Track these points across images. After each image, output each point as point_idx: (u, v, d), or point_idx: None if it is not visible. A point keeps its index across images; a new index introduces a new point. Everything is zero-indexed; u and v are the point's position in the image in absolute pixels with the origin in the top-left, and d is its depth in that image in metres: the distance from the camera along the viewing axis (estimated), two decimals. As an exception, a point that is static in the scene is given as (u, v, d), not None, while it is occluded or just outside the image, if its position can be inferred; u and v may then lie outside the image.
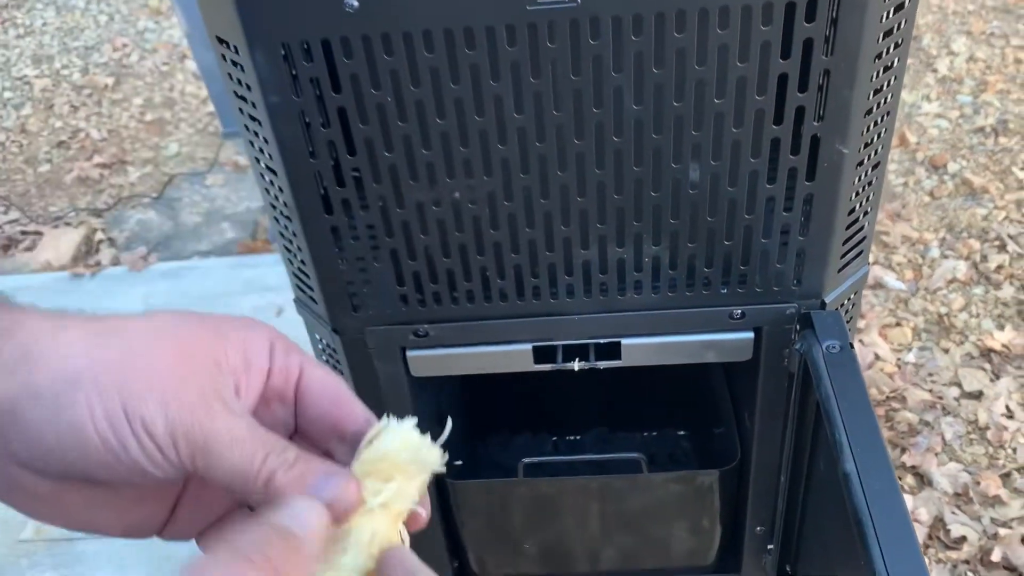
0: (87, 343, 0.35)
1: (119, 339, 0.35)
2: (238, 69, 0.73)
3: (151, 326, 0.37)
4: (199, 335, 0.37)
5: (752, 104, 0.71)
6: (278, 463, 0.36)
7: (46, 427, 0.34)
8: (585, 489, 1.06)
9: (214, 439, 0.35)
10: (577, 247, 0.81)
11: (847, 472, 0.70)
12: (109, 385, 0.34)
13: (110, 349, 0.35)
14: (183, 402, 0.35)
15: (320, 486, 0.36)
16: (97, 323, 0.36)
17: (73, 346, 0.35)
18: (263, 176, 0.82)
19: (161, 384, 0.35)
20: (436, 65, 0.69)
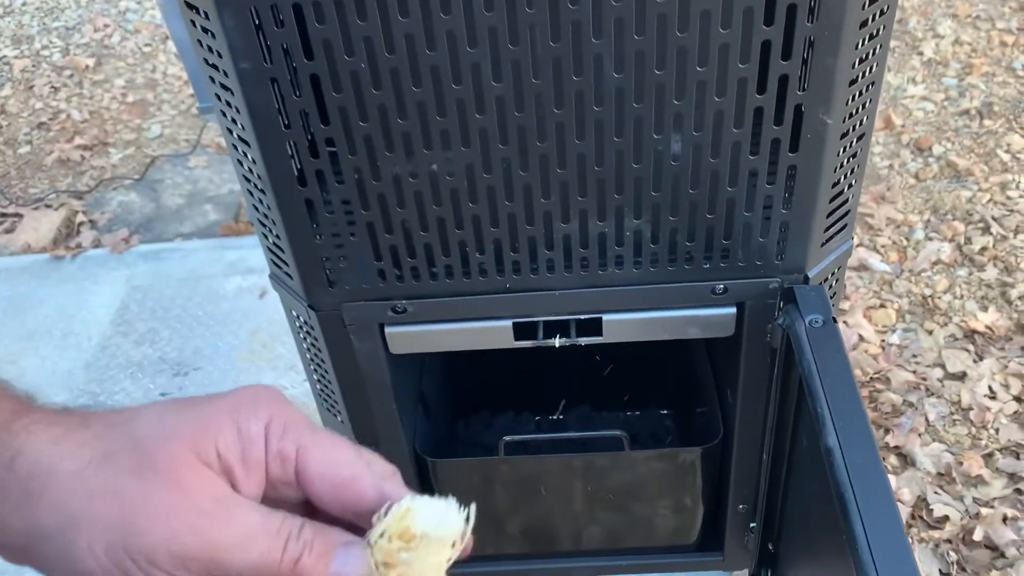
0: (80, 479, 0.36)
1: (110, 471, 0.36)
2: (208, 36, 0.71)
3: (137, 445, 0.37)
4: (185, 443, 0.37)
5: (735, 72, 0.70)
6: (299, 548, 0.37)
7: (57, 563, 0.36)
8: (567, 467, 1.05)
9: (224, 552, 0.36)
10: (558, 220, 0.80)
11: (829, 446, 0.69)
12: (106, 526, 0.35)
13: (101, 483, 0.36)
14: (182, 525, 0.35)
15: (342, 561, 0.37)
16: (89, 446, 0.37)
17: (68, 482, 0.36)
18: (236, 147, 0.80)
19: (156, 515, 0.35)
20: (411, 31, 0.68)
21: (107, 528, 0.35)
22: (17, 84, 3.51)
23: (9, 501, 0.36)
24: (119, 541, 0.35)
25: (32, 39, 3.80)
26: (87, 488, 0.36)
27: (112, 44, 3.73)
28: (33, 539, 0.36)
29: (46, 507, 0.35)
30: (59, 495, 0.36)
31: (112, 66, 3.58)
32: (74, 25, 3.88)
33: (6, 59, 3.68)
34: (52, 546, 0.36)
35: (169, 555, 0.35)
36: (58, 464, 0.36)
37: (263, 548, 0.36)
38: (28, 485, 0.36)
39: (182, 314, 2.25)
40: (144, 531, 0.35)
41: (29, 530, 0.36)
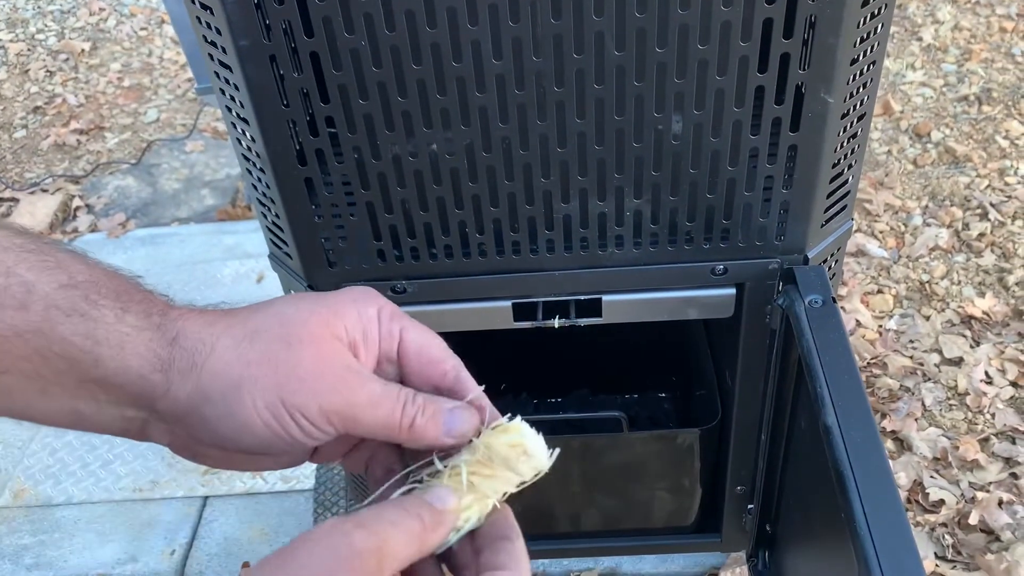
0: (238, 350, 0.43)
1: (265, 341, 0.43)
2: (207, 12, 0.70)
3: (287, 321, 0.44)
4: (321, 321, 0.44)
5: (736, 51, 0.70)
6: (414, 411, 0.44)
7: (222, 422, 0.42)
8: (566, 448, 1.05)
9: (359, 408, 0.43)
10: (558, 200, 0.80)
11: (828, 425, 0.70)
12: (266, 385, 0.42)
13: (260, 350, 0.43)
14: (327, 386, 0.43)
15: (450, 422, 0.45)
16: (240, 326, 0.44)
17: (229, 352, 0.43)
18: (235, 126, 0.80)
19: (307, 376, 0.42)
20: (412, 8, 0.67)
21: (266, 388, 0.42)
22: (12, 68, 3.49)
23: (177, 370, 0.43)
24: (277, 398, 0.42)
25: (27, 23, 3.78)
26: (246, 357, 0.43)
27: (108, 28, 3.71)
28: (197, 402, 0.42)
29: (210, 373, 0.42)
30: (221, 364, 0.43)
31: (108, 50, 3.56)
32: (69, 8, 3.86)
33: (1, 43, 3.65)
34: (215, 407, 0.42)
35: (319, 409, 0.42)
36: (217, 340, 0.43)
37: (388, 409, 0.44)
38: (193, 357, 0.43)
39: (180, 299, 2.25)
40: (297, 390, 0.42)
41: (193, 394, 0.42)
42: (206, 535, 1.71)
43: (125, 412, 0.44)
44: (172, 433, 0.45)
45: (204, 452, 0.46)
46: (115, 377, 0.42)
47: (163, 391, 0.43)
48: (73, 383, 0.42)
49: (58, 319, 0.41)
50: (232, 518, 1.73)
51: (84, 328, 0.41)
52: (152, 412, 0.44)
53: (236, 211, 2.64)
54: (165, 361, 0.43)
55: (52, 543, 1.72)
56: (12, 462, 1.88)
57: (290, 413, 0.42)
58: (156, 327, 0.43)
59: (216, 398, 0.42)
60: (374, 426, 0.44)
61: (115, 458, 1.86)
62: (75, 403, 0.43)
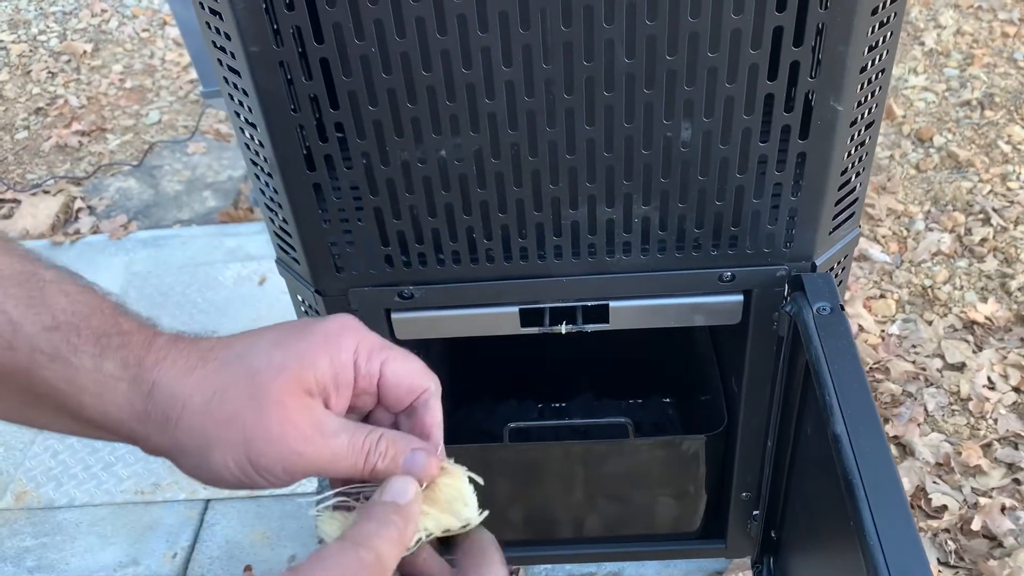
0: (208, 409, 0.45)
1: (232, 402, 0.45)
2: (217, 17, 0.70)
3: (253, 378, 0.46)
4: (290, 377, 0.46)
5: (746, 59, 0.70)
6: (376, 458, 0.47)
7: (199, 472, 0.46)
8: (570, 454, 1.05)
9: (322, 465, 0.46)
10: (566, 207, 0.80)
11: (837, 433, 0.69)
12: (235, 444, 0.45)
13: (226, 414, 0.45)
14: (290, 449, 0.45)
15: (410, 462, 0.48)
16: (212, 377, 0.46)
17: (198, 414, 0.45)
18: (243, 131, 0.80)
19: (272, 439, 0.45)
20: (422, 14, 0.67)
21: (234, 447, 0.45)
22: (14, 69, 3.49)
23: (154, 423, 0.45)
24: (245, 457, 0.45)
25: (29, 24, 3.78)
26: (215, 417, 0.45)
27: (110, 29, 3.71)
28: (175, 453, 0.46)
29: (183, 431, 0.45)
30: (193, 422, 0.45)
31: (110, 51, 3.56)
32: (71, 10, 3.86)
33: (3, 44, 3.65)
34: (191, 459, 0.46)
35: (282, 469, 0.45)
36: (188, 398, 0.45)
37: (351, 462, 0.47)
38: (167, 413, 0.45)
39: (181, 300, 2.25)
40: (262, 451, 0.45)
41: (171, 447, 0.45)
42: (208, 538, 1.70)
43: (116, 436, 0.47)
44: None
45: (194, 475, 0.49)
46: (100, 420, 0.45)
47: (144, 438, 0.46)
48: (66, 416, 0.45)
49: (43, 363, 0.43)
50: (234, 521, 1.73)
51: (66, 374, 0.44)
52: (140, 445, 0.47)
53: (238, 213, 2.64)
54: (141, 414, 0.45)
55: (54, 545, 1.72)
56: (14, 464, 1.87)
57: (257, 471, 0.46)
58: (132, 379, 0.45)
59: (191, 452, 0.46)
60: (340, 473, 0.47)
61: (117, 460, 1.85)
62: (67, 426, 0.46)
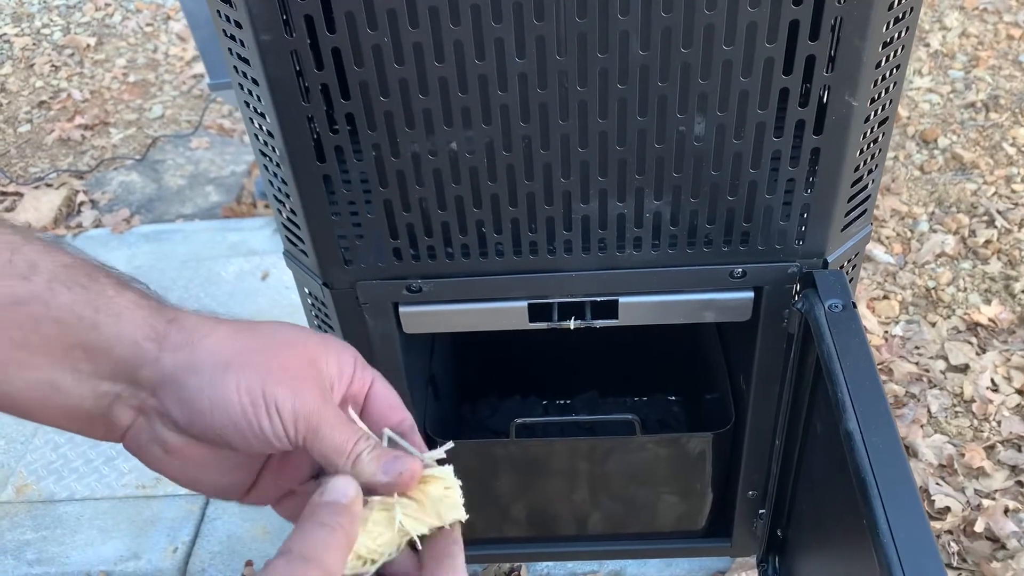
0: (235, 339, 0.47)
1: (259, 340, 0.47)
2: (228, 6, 0.70)
3: (280, 334, 0.49)
4: (311, 346, 0.49)
5: (762, 52, 0.69)
6: (364, 447, 0.47)
7: (202, 394, 0.45)
8: (576, 450, 1.04)
9: (324, 423, 0.46)
10: (577, 201, 0.79)
11: (849, 431, 0.69)
12: (253, 371, 0.45)
13: (253, 345, 0.47)
14: (304, 393, 0.46)
15: (390, 465, 0.47)
16: (242, 324, 0.48)
17: (225, 338, 0.46)
18: (252, 121, 0.79)
19: (289, 377, 0.46)
20: (435, 4, 0.67)
21: (252, 374, 0.45)
22: (17, 62, 3.48)
23: (171, 343, 0.45)
24: (259, 385, 0.45)
25: (33, 17, 3.77)
26: (243, 345, 0.47)
27: (113, 23, 3.70)
28: (183, 372, 0.45)
29: (204, 349, 0.45)
30: (218, 344, 0.46)
31: (113, 45, 3.55)
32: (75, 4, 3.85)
33: (6, 37, 3.65)
34: (200, 378, 0.45)
35: (292, 408, 0.45)
36: (217, 326, 0.47)
37: (346, 435, 0.47)
38: (190, 335, 0.46)
39: (183, 295, 2.24)
40: (279, 382, 0.46)
41: (182, 364, 0.45)
42: (209, 533, 1.70)
43: (100, 386, 0.46)
44: (139, 410, 0.47)
45: (162, 437, 0.47)
46: (107, 341, 0.45)
47: (152, 358, 0.45)
48: (60, 350, 0.44)
49: (60, 290, 0.44)
50: (235, 516, 1.73)
51: (85, 298, 0.44)
52: (129, 384, 0.46)
53: (241, 208, 2.63)
54: (160, 333, 0.46)
55: (54, 539, 1.71)
56: (15, 457, 1.87)
57: (267, 403, 0.45)
58: (154, 307, 0.47)
59: (204, 370, 0.45)
60: (328, 444, 0.47)
61: (118, 454, 1.85)
62: (53, 374, 0.44)
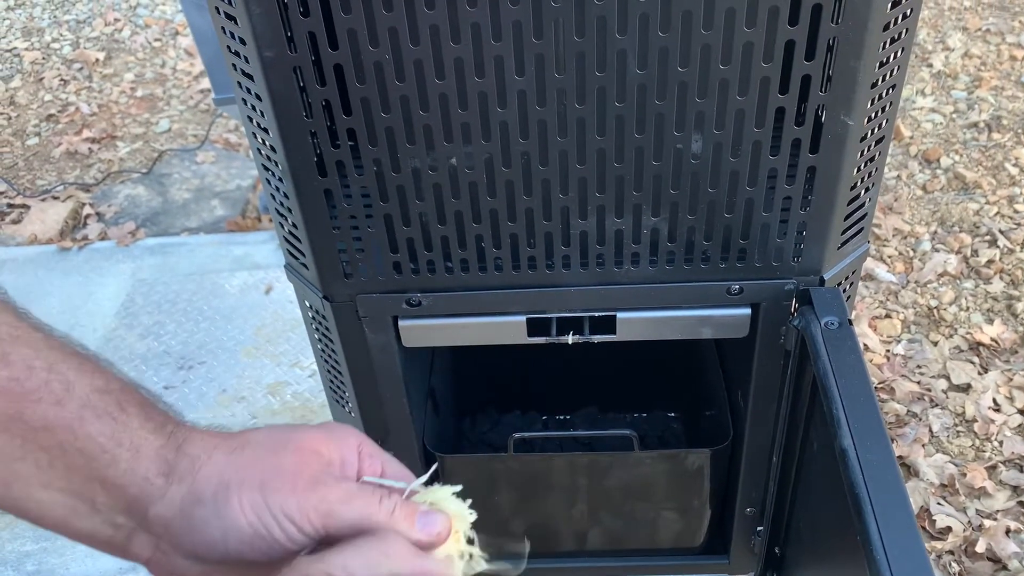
0: (231, 457, 0.48)
1: (252, 451, 0.49)
2: (232, 22, 0.71)
3: (273, 438, 0.50)
4: (309, 439, 0.50)
5: (758, 71, 0.70)
6: (392, 504, 0.48)
7: (209, 524, 0.47)
8: (574, 466, 1.05)
9: (335, 503, 0.47)
10: (575, 216, 0.80)
11: (844, 448, 0.69)
12: (251, 485, 0.47)
13: (247, 459, 0.48)
14: (304, 484, 0.47)
15: (424, 521, 0.48)
16: (237, 440, 0.50)
17: (221, 460, 0.48)
18: (255, 136, 0.80)
19: (287, 476, 0.47)
20: (436, 22, 0.68)
21: (252, 489, 0.47)
22: (27, 76, 3.51)
23: (178, 475, 0.47)
24: (260, 498, 0.46)
25: (43, 31, 3.81)
26: (236, 462, 0.48)
27: (122, 38, 3.74)
28: (189, 504, 0.47)
29: (204, 476, 0.47)
30: (215, 468, 0.48)
31: (122, 60, 3.58)
32: (85, 19, 3.89)
33: (16, 51, 3.68)
34: (205, 507, 0.47)
35: (297, 505, 0.46)
36: (215, 449, 0.49)
37: (363, 502, 0.47)
38: (194, 463, 0.48)
39: (187, 308, 2.25)
40: (278, 488, 0.47)
41: (187, 496, 0.47)
42: (209, 546, 1.70)
43: (116, 519, 0.48)
44: (156, 547, 0.48)
45: (182, 569, 0.49)
46: (123, 477, 0.47)
47: (161, 494, 0.47)
48: (80, 481, 0.46)
49: (89, 419, 0.46)
50: (235, 529, 1.73)
51: (110, 430, 0.46)
52: (142, 520, 0.47)
53: (246, 222, 2.65)
54: (170, 465, 0.48)
55: (54, 550, 1.71)
56: (16, 468, 1.87)
57: (272, 512, 0.46)
58: (168, 435, 0.49)
59: (207, 499, 0.47)
60: (351, 519, 0.47)
61: (119, 466, 1.85)
62: (73, 502, 0.47)
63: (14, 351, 0.45)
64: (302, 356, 2.07)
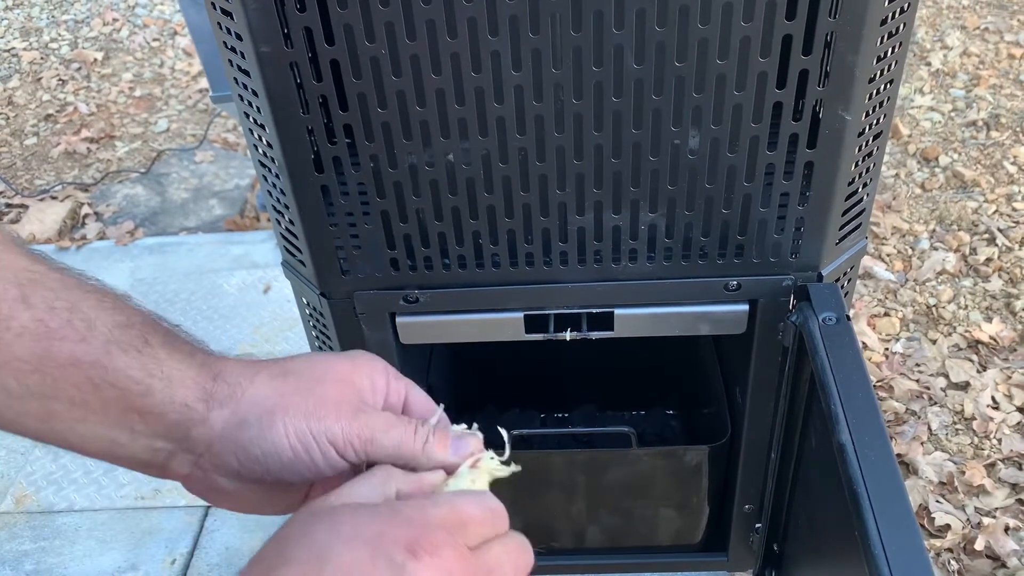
0: (272, 384, 0.50)
1: (295, 380, 0.51)
2: (228, 18, 0.71)
3: (312, 369, 0.52)
4: (342, 370, 0.52)
5: (755, 66, 0.70)
6: (426, 432, 0.50)
7: (254, 445, 0.49)
8: (573, 463, 1.04)
9: (377, 431, 0.49)
10: (572, 212, 0.80)
11: (842, 443, 0.69)
12: (296, 412, 0.49)
13: (290, 387, 0.50)
14: (347, 413, 0.49)
15: (456, 445, 0.51)
16: (277, 368, 0.52)
17: (264, 386, 0.50)
18: (252, 132, 0.80)
19: (331, 408, 0.49)
20: (432, 17, 0.68)
21: (297, 416, 0.49)
22: (25, 76, 3.51)
23: (218, 400, 0.49)
24: (305, 426, 0.49)
25: (41, 31, 3.81)
26: (280, 389, 0.50)
27: (121, 38, 3.73)
28: (232, 427, 0.49)
29: (248, 401, 0.49)
30: (259, 394, 0.50)
31: (120, 60, 3.58)
32: (83, 18, 3.89)
33: (15, 51, 3.68)
34: (250, 429, 0.49)
35: (342, 434, 0.49)
36: (256, 375, 0.51)
37: (401, 431, 0.50)
38: (234, 389, 0.50)
39: (186, 308, 2.25)
40: (323, 416, 0.49)
41: (230, 419, 0.49)
42: (207, 545, 1.70)
43: (155, 443, 0.49)
44: (195, 464, 0.50)
45: (219, 485, 0.51)
46: (160, 406, 0.48)
47: (201, 418, 0.49)
48: (117, 412, 0.48)
49: (116, 353, 0.47)
50: (234, 528, 1.73)
51: (139, 363, 0.48)
52: (182, 442, 0.49)
53: (244, 221, 2.64)
54: (208, 392, 0.49)
55: (52, 550, 1.71)
56: (15, 468, 1.87)
57: (316, 439, 0.49)
58: (200, 365, 0.50)
59: (252, 421, 0.49)
60: (390, 447, 0.50)
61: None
62: (111, 432, 0.48)
63: (34, 293, 0.46)
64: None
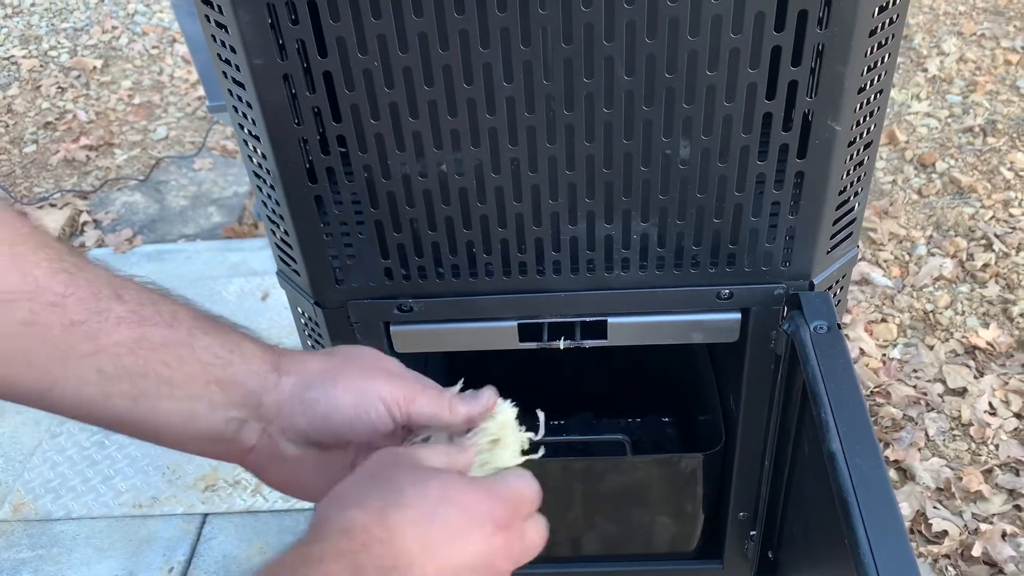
0: (327, 360, 0.60)
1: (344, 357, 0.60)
2: (222, 31, 0.71)
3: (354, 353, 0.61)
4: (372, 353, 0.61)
5: (745, 78, 0.70)
6: (450, 396, 0.59)
7: (319, 403, 0.57)
8: (568, 470, 1.05)
9: (417, 394, 0.58)
10: (565, 222, 0.80)
11: (832, 451, 0.69)
12: (351, 377, 0.58)
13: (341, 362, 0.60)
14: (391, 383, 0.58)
15: (476, 400, 0.60)
16: (325, 352, 0.61)
17: (321, 361, 0.59)
18: (247, 143, 0.81)
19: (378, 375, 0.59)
20: (425, 30, 0.68)
21: (352, 378, 0.58)
22: (24, 84, 3.52)
23: (285, 371, 0.57)
24: (360, 386, 0.57)
25: (40, 39, 3.82)
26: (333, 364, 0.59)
27: (120, 46, 3.74)
28: (300, 389, 0.57)
29: (310, 370, 0.58)
30: (318, 365, 0.59)
31: (119, 68, 3.59)
32: (82, 26, 3.90)
33: (14, 59, 3.69)
34: (315, 390, 0.57)
35: (390, 395, 0.57)
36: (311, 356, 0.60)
37: (434, 394, 0.59)
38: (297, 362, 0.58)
39: (184, 315, 2.25)
40: (373, 380, 0.58)
41: (298, 382, 0.57)
42: (205, 552, 1.70)
43: (230, 412, 0.56)
44: (263, 432, 0.57)
45: (283, 452, 0.58)
46: (239, 376, 0.56)
47: (273, 385, 0.57)
48: (199, 385, 0.55)
49: (199, 336, 0.56)
50: (231, 536, 1.73)
51: (219, 341, 0.57)
52: (255, 409, 0.57)
53: (242, 229, 2.65)
54: (276, 364, 0.58)
55: (50, 558, 1.71)
56: (13, 475, 1.87)
57: (368, 396, 0.57)
58: (265, 346, 0.59)
59: (316, 384, 0.57)
60: (428, 407, 0.58)
61: (116, 473, 1.85)
62: (193, 405, 0.55)
63: (125, 292, 0.54)
64: (298, 362, 2.07)
